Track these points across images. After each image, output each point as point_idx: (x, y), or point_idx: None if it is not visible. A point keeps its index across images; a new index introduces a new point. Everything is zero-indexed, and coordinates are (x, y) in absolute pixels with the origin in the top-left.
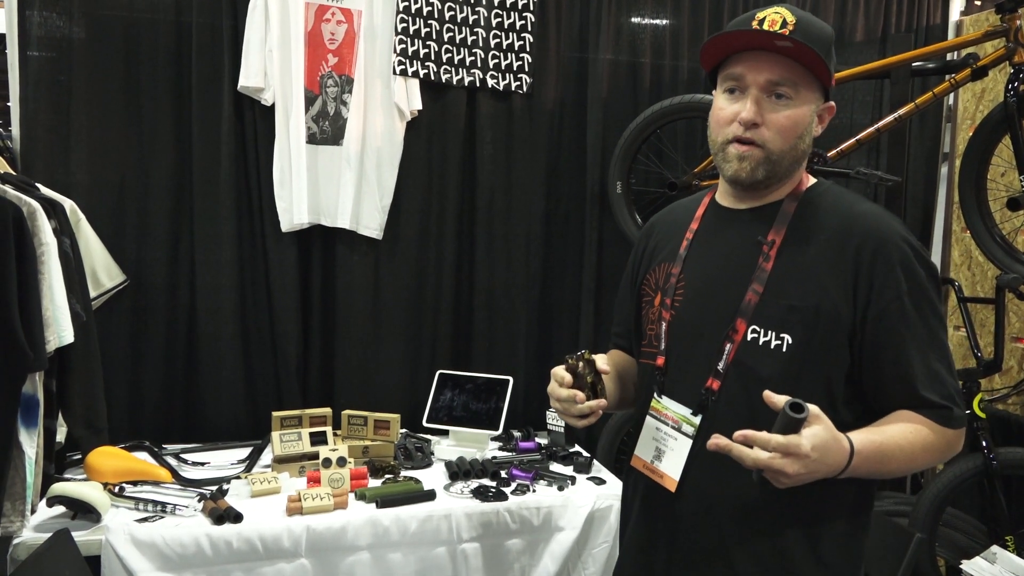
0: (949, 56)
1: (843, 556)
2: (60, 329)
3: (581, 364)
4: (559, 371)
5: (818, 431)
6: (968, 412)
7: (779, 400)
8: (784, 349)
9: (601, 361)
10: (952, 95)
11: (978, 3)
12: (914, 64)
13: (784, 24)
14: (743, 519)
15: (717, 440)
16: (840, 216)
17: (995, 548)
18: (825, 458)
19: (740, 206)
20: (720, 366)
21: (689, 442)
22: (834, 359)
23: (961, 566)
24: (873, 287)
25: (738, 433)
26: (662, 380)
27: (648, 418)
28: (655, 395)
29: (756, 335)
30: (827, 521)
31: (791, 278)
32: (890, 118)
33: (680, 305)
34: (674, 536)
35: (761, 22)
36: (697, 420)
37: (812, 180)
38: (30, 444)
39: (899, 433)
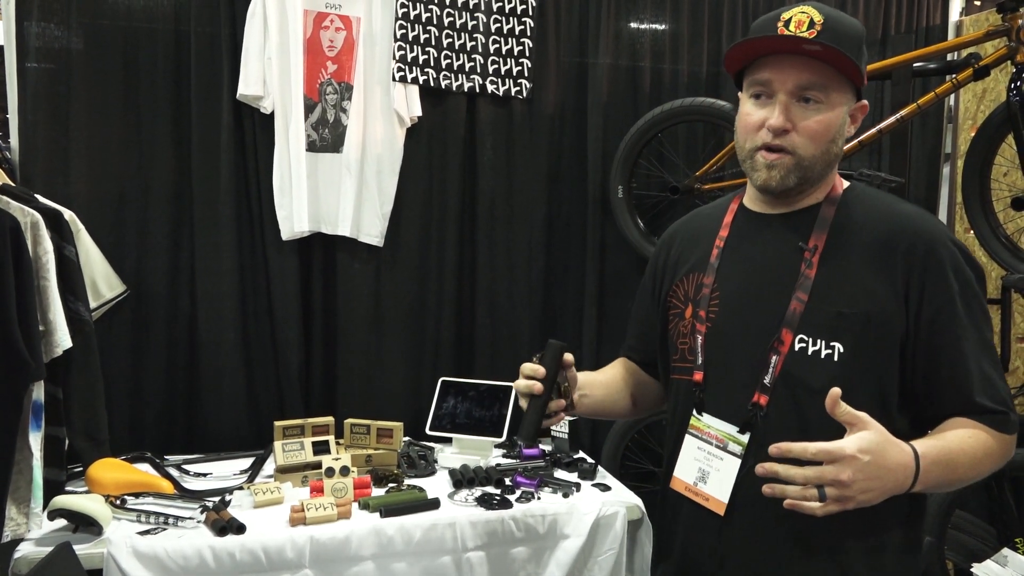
0: (950, 56)
1: (903, 571)
2: (61, 336)
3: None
4: (527, 365)
5: (864, 434)
6: None
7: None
8: (835, 358)
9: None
10: (952, 95)
11: (977, 3)
12: (915, 65)
13: (812, 24)
14: (801, 539)
15: (765, 465)
16: (882, 218)
17: (1006, 551)
18: (883, 461)
19: (772, 211)
20: (767, 379)
21: (737, 462)
22: (887, 366)
23: (972, 569)
24: (925, 290)
25: (773, 447)
26: (701, 396)
27: (688, 437)
28: (694, 412)
29: (804, 345)
30: (886, 533)
31: (837, 284)
32: (892, 119)
33: (716, 316)
34: (723, 562)
35: (787, 23)
36: (745, 438)
37: (845, 183)
38: (37, 447)
39: (960, 438)
